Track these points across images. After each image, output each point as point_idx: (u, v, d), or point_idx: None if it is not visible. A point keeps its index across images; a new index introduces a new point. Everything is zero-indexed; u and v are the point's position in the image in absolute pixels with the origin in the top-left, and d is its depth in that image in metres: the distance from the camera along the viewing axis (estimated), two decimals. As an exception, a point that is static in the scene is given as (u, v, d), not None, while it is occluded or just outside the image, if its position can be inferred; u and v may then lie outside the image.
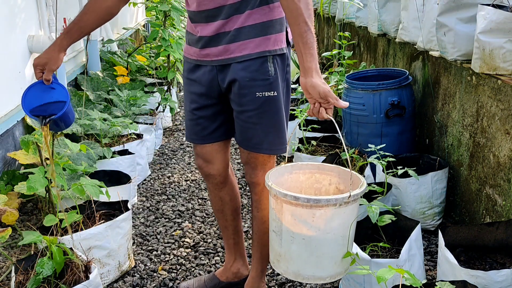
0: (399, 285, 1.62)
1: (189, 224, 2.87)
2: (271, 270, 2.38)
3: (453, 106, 2.74)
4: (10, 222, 2.17)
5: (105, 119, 3.26)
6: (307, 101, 4.04)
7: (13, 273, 1.91)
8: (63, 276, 1.90)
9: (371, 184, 2.46)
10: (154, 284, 2.32)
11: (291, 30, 1.63)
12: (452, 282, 1.63)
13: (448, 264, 1.83)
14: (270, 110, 1.82)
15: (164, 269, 2.45)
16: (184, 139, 4.32)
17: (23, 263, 1.94)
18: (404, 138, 3.09)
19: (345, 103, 1.61)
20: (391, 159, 2.44)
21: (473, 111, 2.52)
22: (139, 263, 2.48)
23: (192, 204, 3.13)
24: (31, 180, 2.10)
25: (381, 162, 2.41)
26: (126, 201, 2.42)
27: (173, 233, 2.77)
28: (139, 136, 3.41)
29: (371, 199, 2.35)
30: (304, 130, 3.29)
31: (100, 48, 4.70)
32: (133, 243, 2.67)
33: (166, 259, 2.53)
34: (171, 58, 4.42)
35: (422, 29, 2.92)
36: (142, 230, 2.81)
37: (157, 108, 4.27)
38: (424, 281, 1.65)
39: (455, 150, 2.73)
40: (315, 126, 3.28)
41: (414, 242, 2.00)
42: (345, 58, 3.94)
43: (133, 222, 2.87)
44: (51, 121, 1.89)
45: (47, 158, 2.44)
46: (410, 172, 2.39)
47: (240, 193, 3.23)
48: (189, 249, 2.61)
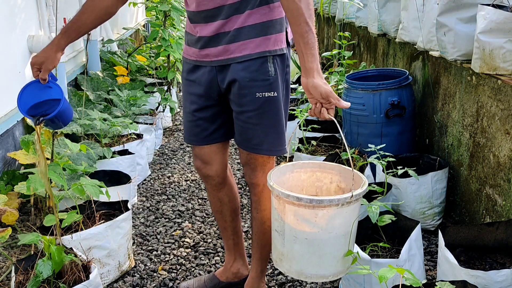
0: (399, 285, 1.62)
1: (189, 224, 2.87)
2: (271, 270, 2.38)
3: (453, 106, 2.74)
4: (10, 222, 2.17)
5: (105, 119, 3.26)
6: (307, 101, 4.04)
7: (13, 273, 1.91)
8: (63, 276, 1.90)
9: (371, 184, 2.45)
10: (154, 284, 2.32)
11: (292, 31, 1.63)
12: (452, 282, 1.63)
13: (448, 264, 1.83)
14: (270, 111, 1.81)
15: (164, 269, 2.45)
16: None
17: (23, 263, 1.94)
18: (404, 138, 3.09)
19: (346, 104, 1.61)
20: (391, 159, 2.44)
21: (473, 111, 2.52)
22: (139, 263, 2.48)
23: (192, 204, 3.13)
24: (31, 180, 2.10)
25: (381, 162, 2.41)
26: (126, 201, 2.42)
27: (173, 233, 2.77)
28: (139, 136, 3.41)
29: (371, 199, 2.34)
30: (304, 130, 3.29)
31: (100, 48, 4.70)
32: (133, 243, 2.67)
33: (166, 259, 2.53)
34: (171, 58, 4.42)
35: (422, 29, 2.92)
36: (142, 230, 2.81)
37: (157, 108, 4.27)
38: (424, 281, 1.65)
39: (455, 150, 2.72)
40: (315, 126, 3.28)
41: (414, 242, 2.00)
42: (345, 58, 3.94)
43: (133, 222, 2.87)
44: (44, 121, 1.88)
45: (48, 158, 2.45)
46: (410, 172, 2.39)
47: (241, 193, 3.23)
48: (189, 249, 2.61)
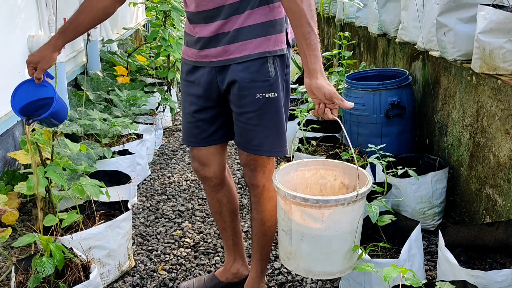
0: (399, 285, 1.62)
1: (189, 224, 2.87)
2: (271, 270, 2.38)
3: (453, 106, 2.74)
4: (10, 222, 2.17)
5: (105, 119, 3.26)
6: (307, 101, 4.04)
7: (13, 273, 1.91)
8: (63, 276, 1.90)
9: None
10: (154, 284, 2.32)
11: (294, 32, 1.62)
12: (452, 282, 1.63)
13: (448, 264, 1.83)
14: (271, 112, 1.80)
15: (164, 269, 2.45)
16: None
17: (23, 263, 1.94)
18: (404, 138, 3.09)
19: (350, 104, 1.61)
20: (391, 159, 2.44)
21: (473, 111, 2.52)
22: (139, 263, 2.48)
23: (192, 204, 3.13)
24: (31, 180, 2.10)
25: (381, 162, 2.41)
26: (126, 201, 2.42)
27: (173, 233, 2.77)
28: (139, 136, 3.41)
29: (371, 199, 2.34)
30: (304, 130, 3.28)
31: (100, 48, 4.70)
32: (133, 243, 2.67)
33: (166, 259, 2.53)
34: (171, 58, 4.42)
35: (422, 29, 2.91)
36: (142, 230, 2.81)
37: (157, 108, 4.27)
38: (424, 281, 1.65)
39: (455, 150, 2.72)
40: (315, 126, 3.28)
41: (414, 242, 2.00)
42: (345, 58, 3.94)
43: (133, 222, 2.87)
44: (36, 121, 1.89)
45: (47, 158, 2.45)
46: (410, 172, 2.39)
47: (241, 193, 3.23)
48: (189, 249, 2.61)
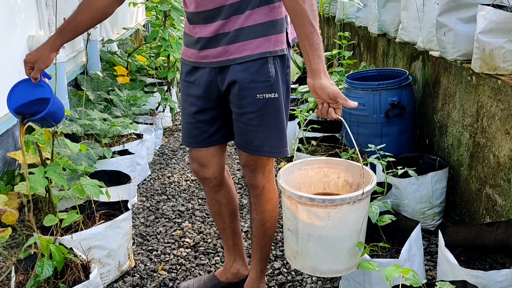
0: (399, 285, 1.62)
1: (189, 224, 2.87)
2: (271, 270, 2.38)
3: (453, 106, 2.74)
4: (10, 222, 2.17)
5: (105, 119, 3.26)
6: (307, 101, 4.04)
7: (13, 273, 1.91)
8: (63, 276, 1.90)
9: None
10: (154, 284, 2.32)
11: (297, 32, 1.61)
12: (452, 282, 1.63)
13: (448, 264, 1.83)
14: (271, 112, 1.79)
15: (164, 269, 2.45)
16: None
17: (23, 263, 1.94)
18: (404, 138, 3.09)
19: (354, 103, 1.61)
20: (391, 159, 2.44)
21: (473, 111, 2.52)
22: (139, 263, 2.48)
23: (192, 204, 3.13)
24: (31, 180, 2.10)
25: (381, 162, 2.41)
26: (126, 201, 2.42)
27: (173, 233, 2.77)
28: (139, 136, 3.41)
29: (371, 199, 2.34)
30: (304, 130, 3.28)
31: (100, 48, 4.70)
32: (133, 243, 2.67)
33: (166, 259, 2.53)
34: (171, 58, 4.42)
35: (422, 29, 2.91)
36: (142, 230, 2.81)
37: (157, 108, 4.27)
38: (424, 281, 1.65)
39: (455, 150, 2.72)
40: (315, 126, 3.28)
41: (414, 242, 2.00)
42: (345, 58, 3.94)
43: (133, 222, 2.87)
44: (31, 121, 1.88)
45: (47, 158, 2.45)
46: (410, 172, 2.39)
47: (241, 193, 3.23)
48: (189, 249, 2.61)
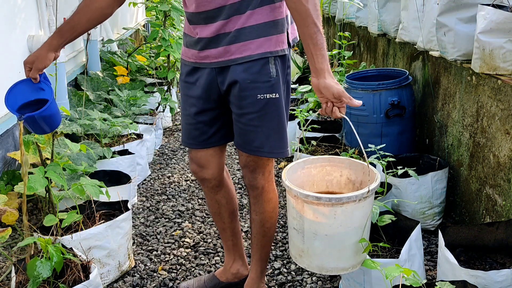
0: (399, 285, 1.62)
1: (189, 224, 2.87)
2: (271, 270, 2.38)
3: (453, 106, 2.74)
4: (10, 222, 2.17)
5: (105, 119, 3.26)
6: (307, 101, 4.04)
7: (13, 273, 1.91)
8: (62, 276, 1.90)
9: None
10: (154, 284, 2.32)
11: (300, 32, 1.61)
12: (452, 282, 1.63)
13: (448, 264, 1.83)
14: (272, 112, 1.78)
15: (164, 269, 2.45)
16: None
17: (23, 263, 1.94)
18: (404, 138, 3.09)
19: (358, 102, 1.61)
20: (391, 159, 2.44)
21: (473, 111, 2.52)
22: (139, 263, 2.48)
23: (192, 204, 3.13)
24: (31, 180, 2.10)
25: (381, 162, 2.41)
26: (126, 201, 2.42)
27: (173, 233, 2.77)
28: (139, 136, 3.41)
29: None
30: (304, 130, 3.28)
31: (100, 48, 4.70)
32: (133, 243, 2.67)
33: (166, 259, 2.53)
34: (171, 58, 4.42)
35: (422, 29, 2.92)
36: (142, 230, 2.81)
37: (157, 108, 4.27)
38: (424, 281, 1.65)
39: (455, 150, 2.72)
40: (315, 126, 3.28)
41: (414, 242, 2.00)
42: (345, 58, 3.94)
43: (133, 222, 2.87)
44: (27, 117, 1.83)
45: (47, 158, 2.45)
46: (410, 172, 2.39)
47: (241, 193, 3.23)
48: (189, 249, 2.61)
